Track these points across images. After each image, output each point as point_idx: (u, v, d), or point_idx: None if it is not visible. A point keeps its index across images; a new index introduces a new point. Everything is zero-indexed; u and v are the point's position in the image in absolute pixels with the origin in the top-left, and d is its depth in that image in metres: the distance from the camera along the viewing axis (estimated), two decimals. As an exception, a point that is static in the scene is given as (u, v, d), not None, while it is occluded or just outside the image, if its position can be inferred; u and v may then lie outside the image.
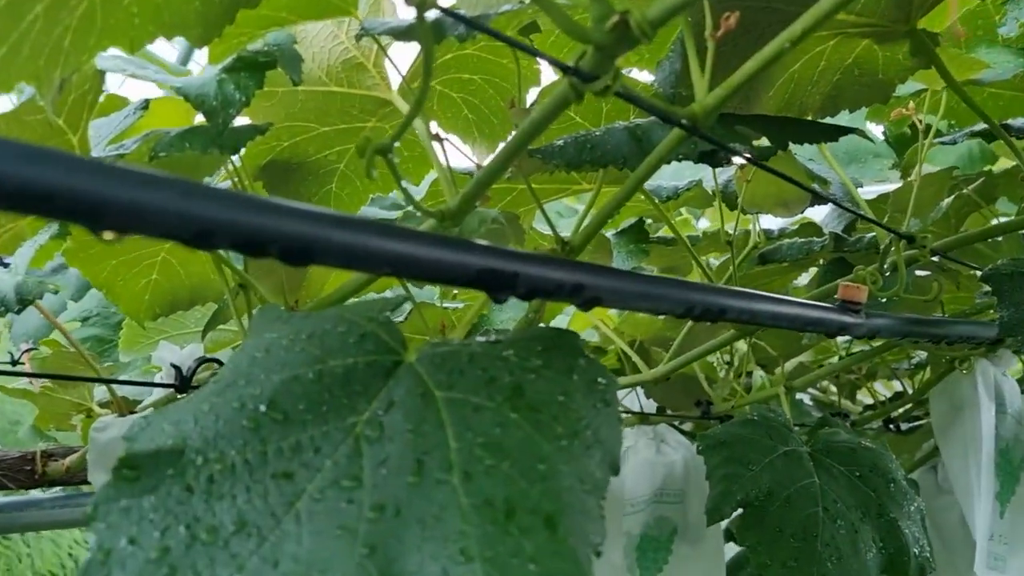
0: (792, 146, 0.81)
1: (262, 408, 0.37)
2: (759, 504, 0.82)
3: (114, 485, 0.33)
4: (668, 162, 0.51)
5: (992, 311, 0.86)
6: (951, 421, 1.18)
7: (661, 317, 1.18)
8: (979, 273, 0.78)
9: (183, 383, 0.66)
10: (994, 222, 1.25)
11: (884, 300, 0.66)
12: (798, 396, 1.71)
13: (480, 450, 0.35)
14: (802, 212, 0.92)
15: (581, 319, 1.24)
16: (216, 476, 0.34)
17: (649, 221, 1.04)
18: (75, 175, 0.27)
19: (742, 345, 1.29)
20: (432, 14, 0.52)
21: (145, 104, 0.59)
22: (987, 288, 0.79)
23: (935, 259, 0.73)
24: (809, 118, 0.75)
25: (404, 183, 0.63)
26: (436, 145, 0.53)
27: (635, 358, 0.91)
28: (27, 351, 1.08)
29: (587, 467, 0.38)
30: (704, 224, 1.68)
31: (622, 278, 0.45)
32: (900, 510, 0.85)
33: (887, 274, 0.71)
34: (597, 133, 0.57)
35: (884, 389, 1.77)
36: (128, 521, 0.32)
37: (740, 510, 0.81)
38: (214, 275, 0.85)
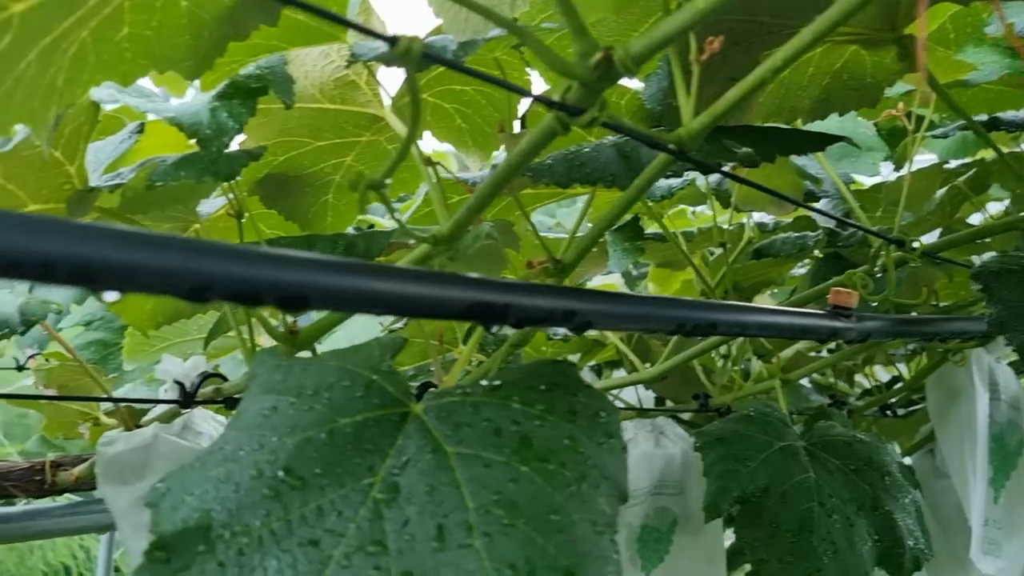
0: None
1: (280, 474, 0.38)
2: (756, 500, 0.84)
3: (148, 568, 0.34)
4: (654, 181, 0.52)
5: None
6: (946, 409, 1.19)
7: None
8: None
9: (187, 399, 0.68)
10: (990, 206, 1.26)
11: (875, 304, 0.67)
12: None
13: (496, 508, 0.37)
14: (794, 209, 0.92)
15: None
16: (245, 549, 0.35)
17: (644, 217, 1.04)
18: (72, 241, 0.28)
19: (740, 334, 1.30)
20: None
21: (140, 127, 0.60)
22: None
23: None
24: (799, 122, 0.76)
25: (389, 200, 0.63)
26: (429, 168, 0.54)
27: (631, 356, 0.93)
28: (32, 356, 1.10)
29: (597, 507, 0.39)
30: (702, 211, 1.69)
31: (612, 301, 0.46)
32: (895, 503, 0.87)
33: (878, 276, 0.72)
34: (586, 150, 0.57)
35: (883, 371, 1.78)
36: (166, 603, 0.33)
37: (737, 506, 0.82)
38: (214, 284, 0.86)
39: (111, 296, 0.29)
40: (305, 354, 0.61)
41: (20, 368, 1.11)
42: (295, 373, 0.44)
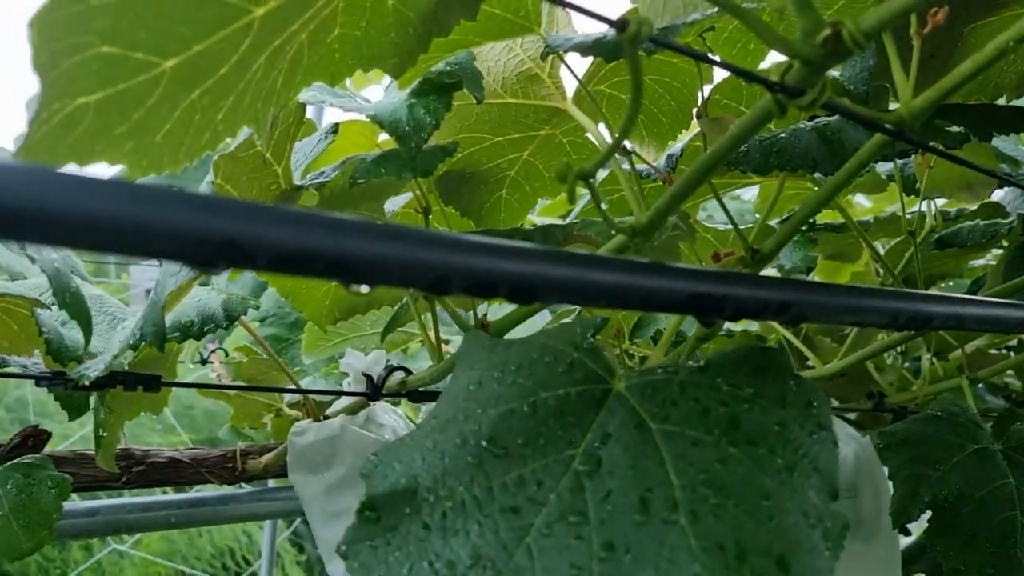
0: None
1: (483, 443, 0.39)
2: (949, 506, 0.79)
3: (360, 527, 0.35)
4: (867, 164, 0.49)
5: None
6: None
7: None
8: None
9: (375, 391, 0.70)
10: None
11: (1098, 295, 0.61)
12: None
13: (703, 488, 0.35)
14: (988, 196, 0.86)
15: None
16: (448, 512, 0.36)
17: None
18: (329, 235, 0.29)
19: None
20: (611, 31, 0.52)
21: (335, 128, 0.62)
22: None
23: None
24: (1004, 99, 0.70)
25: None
26: (621, 157, 0.53)
27: (807, 352, 0.89)
28: (214, 351, 1.16)
29: (808, 499, 0.37)
30: (863, 204, 1.61)
31: (827, 293, 0.44)
32: (1109, 514, 0.80)
33: (1097, 264, 0.66)
34: (783, 135, 0.55)
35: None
36: (377, 560, 0.34)
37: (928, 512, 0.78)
38: (388, 280, 0.89)
39: (364, 289, 0.30)
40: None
41: (203, 362, 1.18)
42: (499, 350, 0.45)
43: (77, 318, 0.48)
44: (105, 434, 0.72)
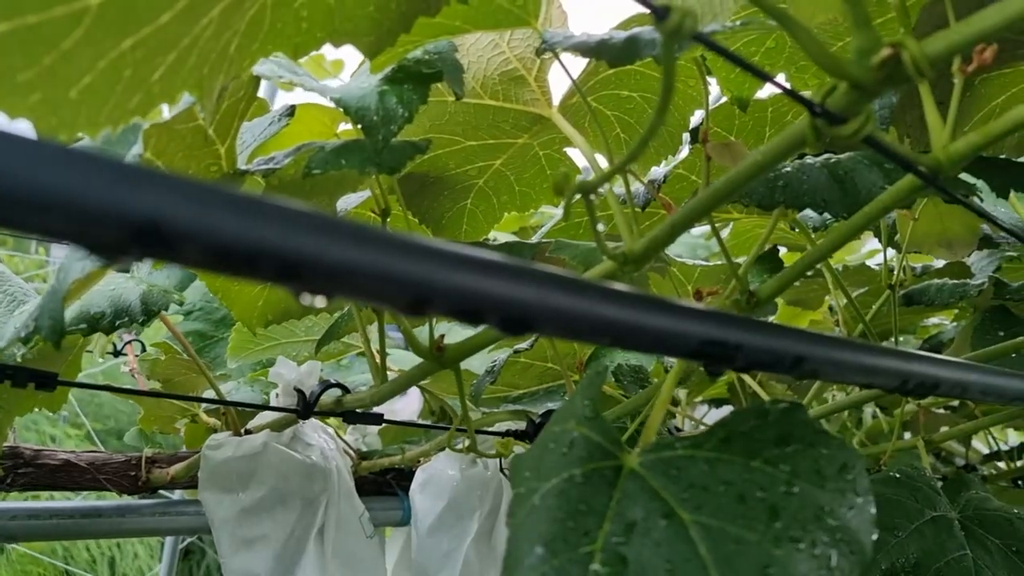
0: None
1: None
2: (906, 576, 0.75)
3: None
4: (890, 210, 0.44)
5: None
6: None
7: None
8: None
9: (305, 409, 0.62)
10: None
11: (1091, 371, 0.58)
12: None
13: None
14: (966, 256, 0.83)
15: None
16: None
17: (784, 250, 0.96)
18: (283, 232, 0.22)
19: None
20: (621, 34, 0.46)
21: (291, 110, 0.55)
22: None
23: None
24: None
25: (545, 207, 0.58)
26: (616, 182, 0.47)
27: (764, 397, 0.84)
28: (129, 342, 1.06)
29: None
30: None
31: (843, 349, 0.39)
32: (1064, 595, 0.77)
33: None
34: (788, 169, 0.50)
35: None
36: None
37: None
38: (331, 285, 0.81)
39: (319, 302, 0.23)
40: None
41: (117, 353, 1.08)
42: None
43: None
44: (-11, 432, 0.63)
